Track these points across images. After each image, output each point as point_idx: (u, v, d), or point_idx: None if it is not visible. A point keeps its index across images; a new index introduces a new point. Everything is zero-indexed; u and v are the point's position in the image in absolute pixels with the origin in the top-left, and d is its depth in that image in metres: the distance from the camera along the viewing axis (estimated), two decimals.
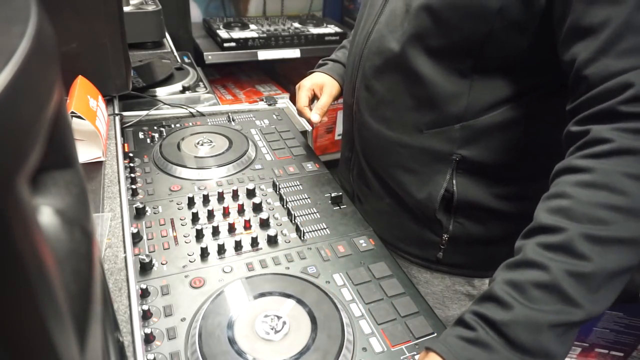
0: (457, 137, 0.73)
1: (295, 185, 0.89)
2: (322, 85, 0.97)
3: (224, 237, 0.75)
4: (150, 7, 1.25)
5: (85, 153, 0.90)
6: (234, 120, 1.11)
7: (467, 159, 0.74)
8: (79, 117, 0.85)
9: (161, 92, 1.33)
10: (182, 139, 0.99)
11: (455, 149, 0.74)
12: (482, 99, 0.70)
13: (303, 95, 0.95)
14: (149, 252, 0.70)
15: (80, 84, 0.93)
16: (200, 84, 1.43)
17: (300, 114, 0.96)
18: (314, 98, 0.97)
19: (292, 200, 0.84)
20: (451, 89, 0.70)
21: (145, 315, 0.60)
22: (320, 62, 1.05)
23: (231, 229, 0.76)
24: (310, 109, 0.94)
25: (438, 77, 0.70)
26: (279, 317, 0.59)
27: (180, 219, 0.78)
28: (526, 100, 0.69)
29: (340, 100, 0.99)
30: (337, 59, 1.03)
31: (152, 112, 1.14)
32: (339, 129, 2.17)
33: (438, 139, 0.74)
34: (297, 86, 0.98)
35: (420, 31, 0.69)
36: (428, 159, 0.76)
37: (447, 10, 0.66)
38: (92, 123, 0.87)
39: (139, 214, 0.78)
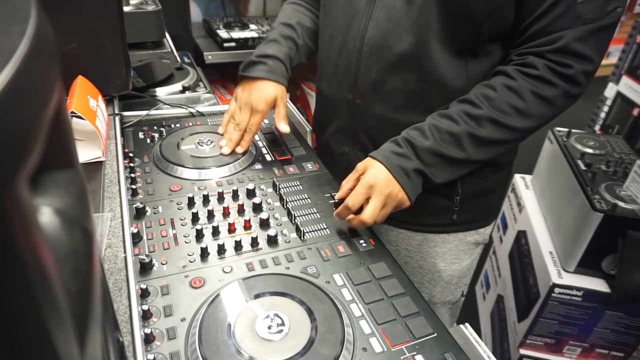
0: None
1: (295, 185, 0.89)
2: (273, 100, 0.93)
3: (224, 237, 0.75)
4: (150, 7, 1.25)
5: (85, 153, 0.89)
6: None
7: None
8: (79, 117, 0.85)
9: (161, 92, 1.33)
10: (182, 139, 0.99)
11: None
12: (477, 69, 0.81)
13: (260, 120, 0.93)
14: (149, 252, 0.70)
15: (80, 84, 0.93)
16: (200, 84, 1.43)
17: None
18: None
19: (292, 200, 0.84)
20: (454, 66, 0.80)
21: (145, 315, 0.60)
22: (253, 59, 0.94)
23: (231, 229, 0.76)
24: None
25: (445, 60, 0.79)
26: (279, 317, 0.59)
27: (180, 219, 0.78)
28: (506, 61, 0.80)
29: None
30: (274, 55, 0.94)
31: (152, 112, 1.14)
32: None
33: None
34: (250, 107, 0.92)
35: (431, 18, 0.76)
36: None
37: None
38: (92, 123, 0.87)
39: (139, 214, 0.78)
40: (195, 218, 0.77)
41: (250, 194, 0.84)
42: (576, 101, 0.77)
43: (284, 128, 0.95)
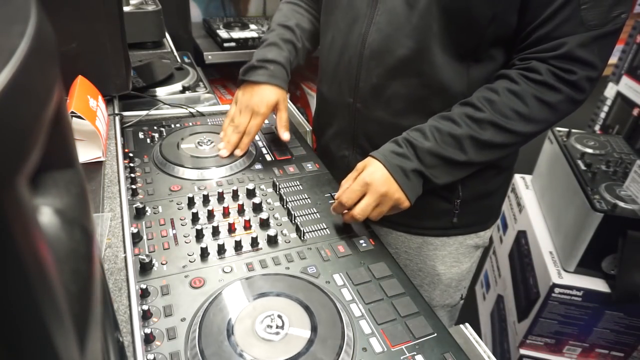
0: None
1: (295, 185, 0.88)
2: (275, 104, 0.93)
3: (224, 237, 0.75)
4: (150, 7, 1.26)
5: (85, 153, 0.89)
6: None
7: None
8: (79, 117, 0.85)
9: (161, 92, 1.33)
10: (182, 139, 0.99)
11: None
12: (479, 74, 0.80)
13: (260, 124, 0.93)
14: (149, 252, 0.70)
15: (80, 84, 0.93)
16: (200, 84, 1.43)
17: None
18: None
19: (292, 200, 0.84)
20: (455, 71, 0.79)
21: (145, 315, 0.60)
22: (254, 63, 0.94)
23: (231, 229, 0.76)
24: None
25: (446, 64, 0.79)
26: (279, 317, 0.59)
27: (180, 219, 0.78)
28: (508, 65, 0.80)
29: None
30: (275, 60, 0.94)
31: (152, 112, 1.14)
32: None
33: None
34: (250, 110, 0.92)
35: (433, 23, 0.75)
36: None
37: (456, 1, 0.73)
38: (92, 123, 0.87)
39: (139, 214, 0.78)
40: (195, 218, 0.77)
41: (250, 194, 0.84)
42: (579, 106, 0.77)
43: (286, 136, 0.95)
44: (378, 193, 0.74)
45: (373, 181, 0.74)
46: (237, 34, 1.89)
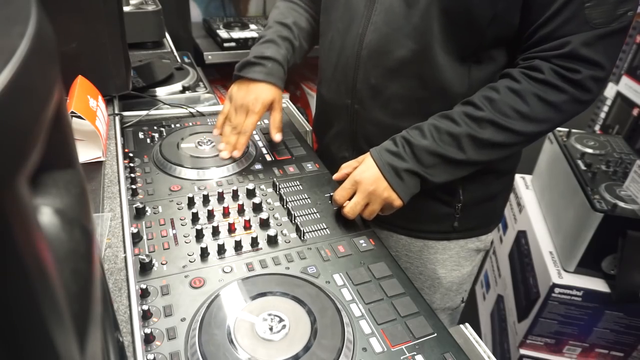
0: None
1: (295, 185, 0.88)
2: (271, 102, 0.92)
3: (224, 237, 0.75)
4: (150, 7, 1.26)
5: (85, 153, 0.89)
6: None
7: None
8: (79, 117, 0.85)
9: (161, 92, 1.33)
10: (182, 139, 0.99)
11: None
12: (480, 75, 0.80)
13: (256, 122, 0.91)
14: (149, 252, 0.70)
15: (80, 84, 0.93)
16: (200, 84, 1.43)
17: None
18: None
19: (292, 200, 0.84)
20: (456, 71, 0.79)
21: (145, 315, 0.60)
22: (251, 59, 0.92)
23: (231, 229, 0.76)
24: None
25: (448, 66, 0.78)
26: (279, 317, 0.59)
27: (180, 219, 0.78)
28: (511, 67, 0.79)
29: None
30: (273, 57, 0.92)
31: (152, 112, 1.14)
32: None
33: None
34: (246, 109, 0.90)
35: (433, 23, 0.75)
36: None
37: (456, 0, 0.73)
38: (92, 123, 0.87)
39: (139, 214, 0.78)
40: (195, 218, 0.77)
41: (250, 194, 0.84)
42: (588, 107, 0.75)
43: (277, 138, 0.95)
44: (366, 191, 0.75)
45: (362, 180, 0.76)
46: (237, 34, 1.89)
